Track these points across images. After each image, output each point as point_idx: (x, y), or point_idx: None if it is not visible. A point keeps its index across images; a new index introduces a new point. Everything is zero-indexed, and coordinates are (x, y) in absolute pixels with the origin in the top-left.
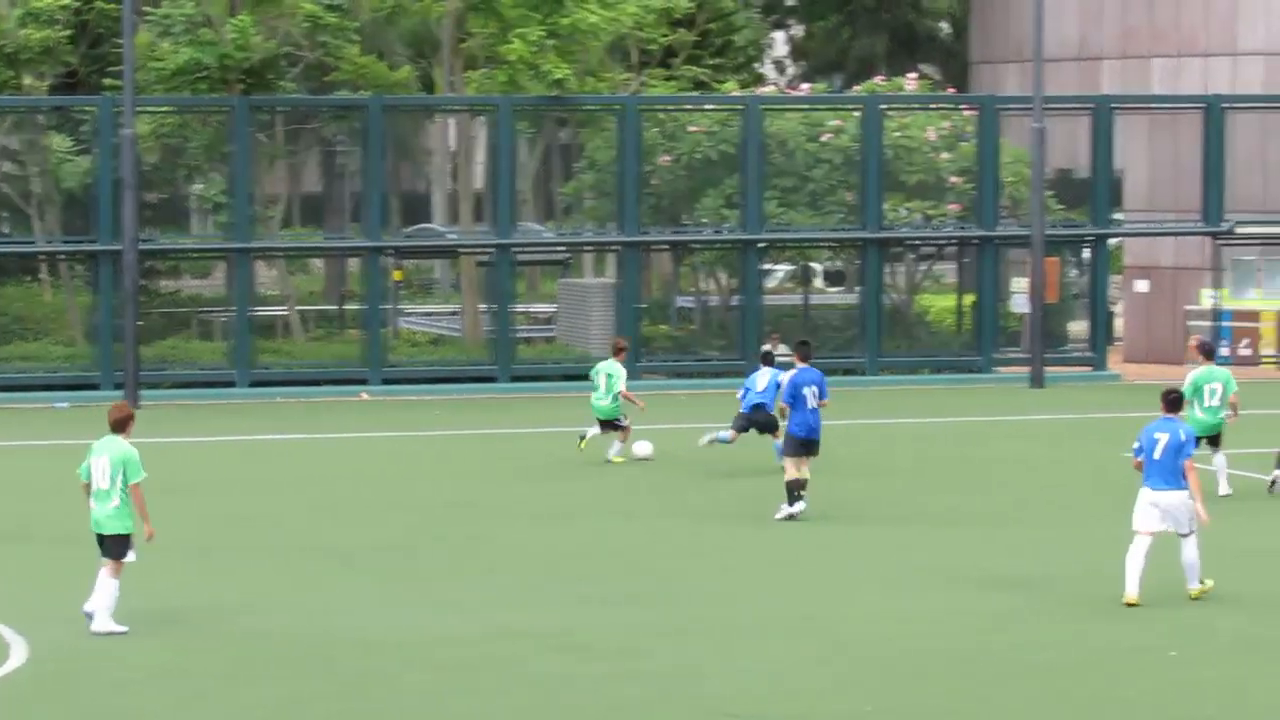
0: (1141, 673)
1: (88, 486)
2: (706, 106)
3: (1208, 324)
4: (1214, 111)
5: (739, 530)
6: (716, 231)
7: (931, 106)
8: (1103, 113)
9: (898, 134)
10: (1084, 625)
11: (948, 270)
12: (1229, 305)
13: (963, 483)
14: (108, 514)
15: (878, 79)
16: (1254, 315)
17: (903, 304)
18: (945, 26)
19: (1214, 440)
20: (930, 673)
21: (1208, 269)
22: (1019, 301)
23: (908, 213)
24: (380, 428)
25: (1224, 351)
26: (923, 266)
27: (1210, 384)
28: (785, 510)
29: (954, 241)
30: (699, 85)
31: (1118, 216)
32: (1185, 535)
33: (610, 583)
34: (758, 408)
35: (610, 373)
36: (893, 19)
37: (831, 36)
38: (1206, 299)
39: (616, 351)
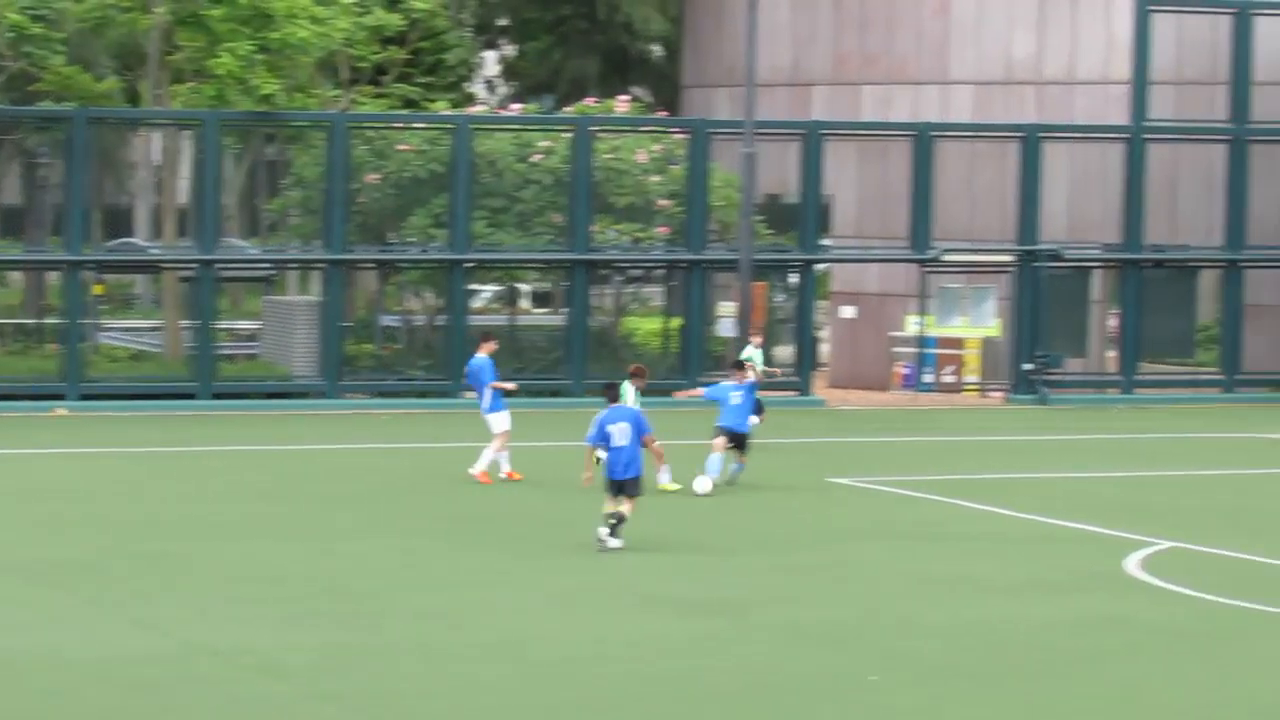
0: (836, 698)
1: None
2: (416, 125)
3: (912, 350)
4: (923, 139)
5: (448, 551)
6: (423, 251)
7: (642, 129)
8: (813, 138)
9: (608, 156)
10: (783, 651)
11: (655, 293)
12: (934, 332)
13: (668, 506)
14: None
15: (589, 100)
16: (958, 343)
17: (609, 326)
18: (658, 49)
19: None
20: (632, 697)
21: (914, 295)
22: (725, 325)
23: (616, 235)
24: (77, 444)
25: (927, 378)
26: (630, 289)
27: None
28: (609, 542)
29: (662, 265)
30: (409, 104)
31: (826, 242)
32: None
33: (310, 602)
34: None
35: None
36: (605, 41)
37: (543, 57)
38: (912, 325)
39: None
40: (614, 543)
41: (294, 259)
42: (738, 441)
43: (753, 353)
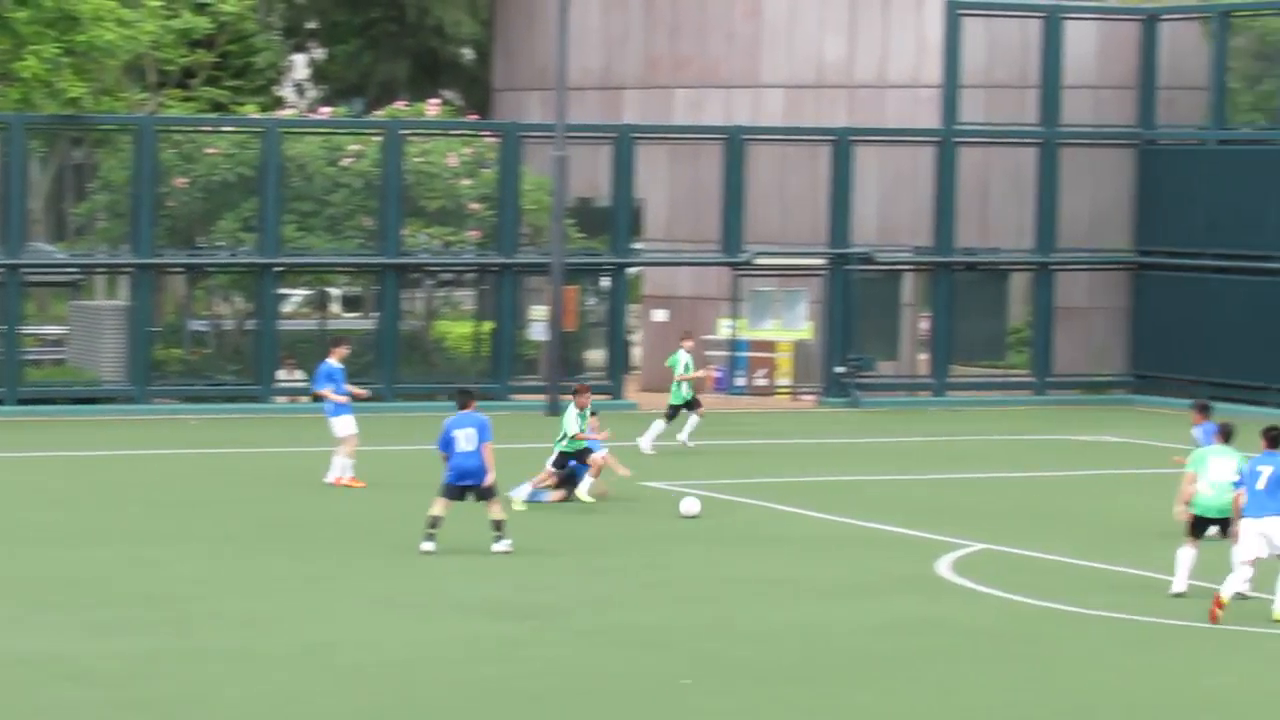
0: (648, 701)
1: None
2: (225, 128)
3: (724, 354)
4: (734, 142)
5: (260, 556)
6: (232, 255)
7: (453, 132)
8: (624, 141)
9: (419, 159)
10: (596, 654)
11: (466, 297)
12: (746, 335)
13: (465, 511)
14: None
15: (399, 104)
16: (770, 346)
17: (420, 330)
18: (468, 52)
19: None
20: (444, 701)
21: (726, 299)
22: (537, 329)
23: (427, 239)
24: None
25: (740, 381)
26: (441, 293)
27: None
28: (497, 545)
29: (473, 268)
30: (218, 107)
31: (637, 245)
32: None
33: (120, 609)
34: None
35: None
36: (415, 44)
37: (353, 60)
38: (724, 329)
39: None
40: (502, 545)
41: (101, 263)
42: (568, 478)
43: (686, 358)
